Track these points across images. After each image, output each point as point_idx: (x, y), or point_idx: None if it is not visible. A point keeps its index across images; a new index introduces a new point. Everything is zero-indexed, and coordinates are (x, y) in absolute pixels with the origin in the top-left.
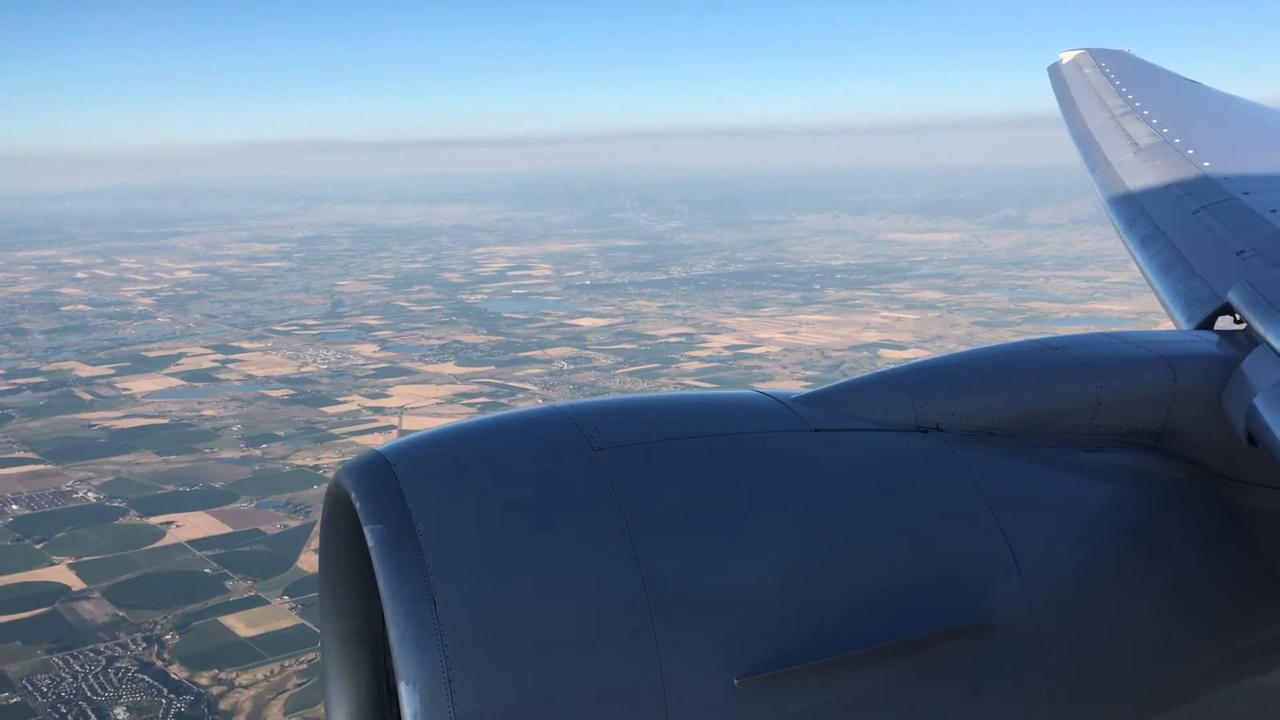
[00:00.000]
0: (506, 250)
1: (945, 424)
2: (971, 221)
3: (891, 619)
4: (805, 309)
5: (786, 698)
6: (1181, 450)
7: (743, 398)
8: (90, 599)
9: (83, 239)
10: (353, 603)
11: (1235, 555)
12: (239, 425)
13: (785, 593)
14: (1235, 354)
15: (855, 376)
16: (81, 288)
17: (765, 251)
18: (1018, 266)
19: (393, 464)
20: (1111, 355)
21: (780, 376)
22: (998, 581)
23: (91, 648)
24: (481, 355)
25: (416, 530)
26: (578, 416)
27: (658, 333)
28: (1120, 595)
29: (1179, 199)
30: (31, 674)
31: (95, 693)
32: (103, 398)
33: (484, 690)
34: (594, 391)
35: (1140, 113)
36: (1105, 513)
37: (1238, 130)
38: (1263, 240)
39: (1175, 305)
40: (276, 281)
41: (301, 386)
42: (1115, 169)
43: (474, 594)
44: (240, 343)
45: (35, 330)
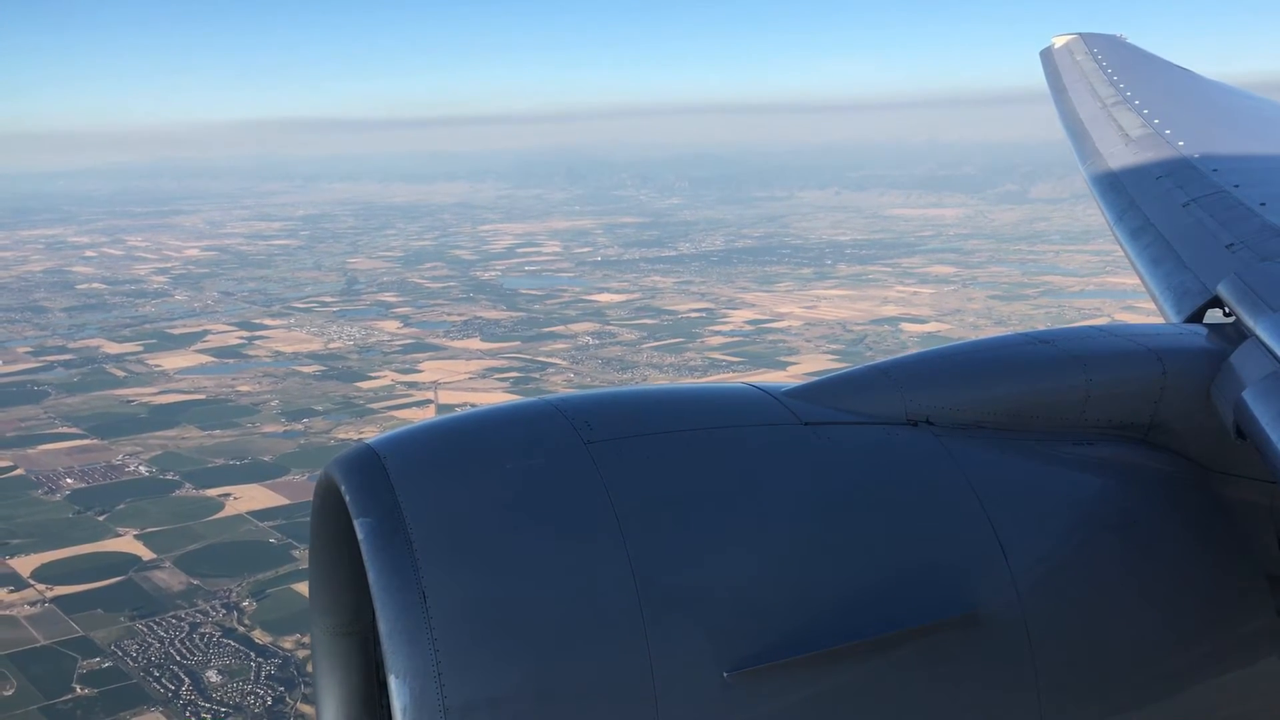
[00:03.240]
0: (512, 228)
1: (935, 417)
2: (973, 197)
3: (881, 612)
4: (820, 284)
5: (776, 690)
6: (1170, 443)
7: (733, 391)
8: (162, 568)
9: (83, 218)
10: (343, 596)
11: (1223, 547)
12: (276, 400)
13: (775, 586)
14: (1224, 347)
15: (845, 369)
16: (93, 266)
17: (771, 227)
18: (1025, 241)
19: (383, 457)
20: (1100, 348)
21: (805, 350)
22: (987, 574)
23: (172, 614)
24: (505, 331)
25: (406, 523)
26: (568, 409)
27: (678, 308)
28: (1109, 587)
29: (1169, 191)
30: (118, 640)
31: (184, 657)
32: (135, 374)
33: (474, 683)
34: (624, 366)
35: (1131, 103)
36: (1094, 505)
37: (1229, 122)
38: (1252, 233)
39: (1165, 298)
40: (287, 259)
41: (331, 363)
42: (1106, 160)
43: (464, 587)
44: (262, 320)
45: (55, 308)
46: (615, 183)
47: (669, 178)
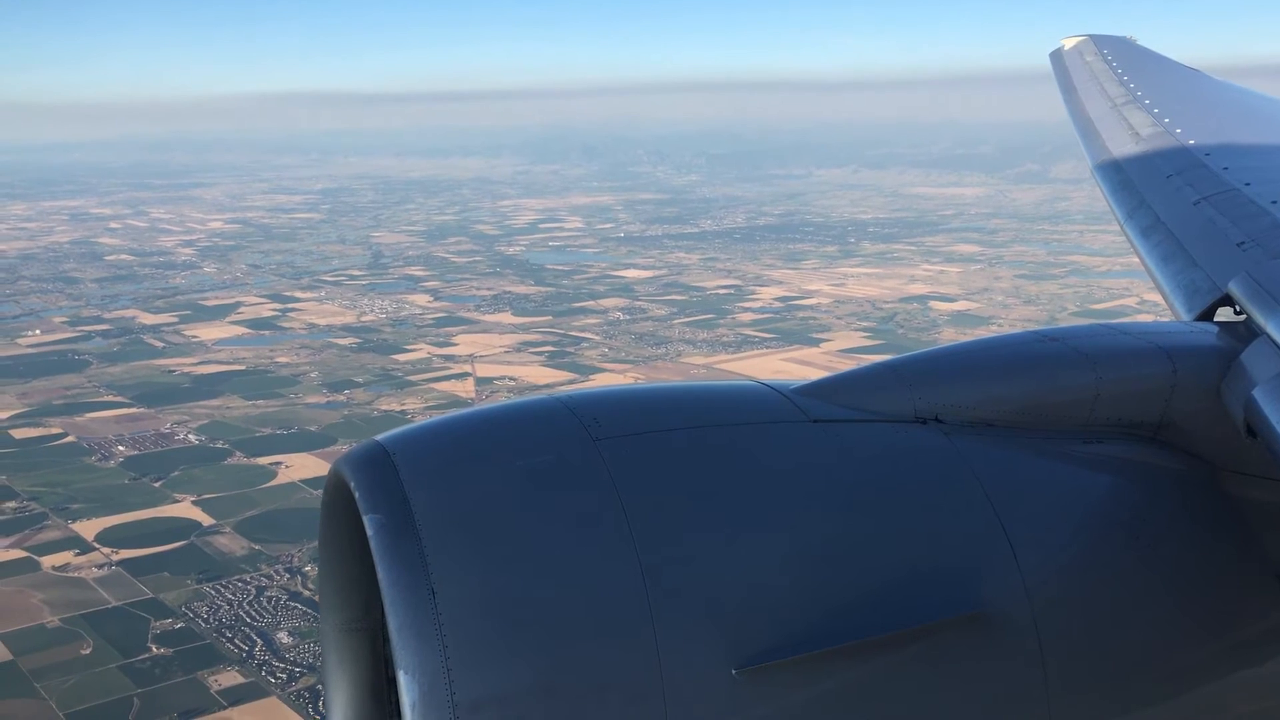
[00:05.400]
0: (532, 203)
1: (944, 415)
2: (993, 176)
3: (890, 610)
4: (846, 262)
5: (784, 688)
6: (1180, 442)
7: (742, 388)
8: (223, 533)
9: (103, 189)
10: (352, 592)
11: (1233, 547)
12: (316, 372)
13: (783, 583)
14: (1235, 345)
15: (854, 367)
16: (119, 238)
17: (791, 205)
18: (1049, 221)
19: (392, 454)
20: (1110, 346)
21: (837, 328)
22: (996, 573)
23: (238, 578)
24: (535, 306)
25: (415, 520)
26: (577, 407)
27: (705, 284)
28: (1118, 587)
29: (1180, 190)
30: (188, 602)
31: (254, 619)
32: (174, 345)
33: (483, 680)
34: (657, 341)
35: (1142, 102)
36: (1104, 504)
37: (1239, 121)
38: (1263, 231)
39: (1175, 296)
40: (310, 233)
41: (366, 335)
42: (1116, 158)
43: (473, 584)
44: (293, 292)
45: (86, 279)
46: (631, 159)
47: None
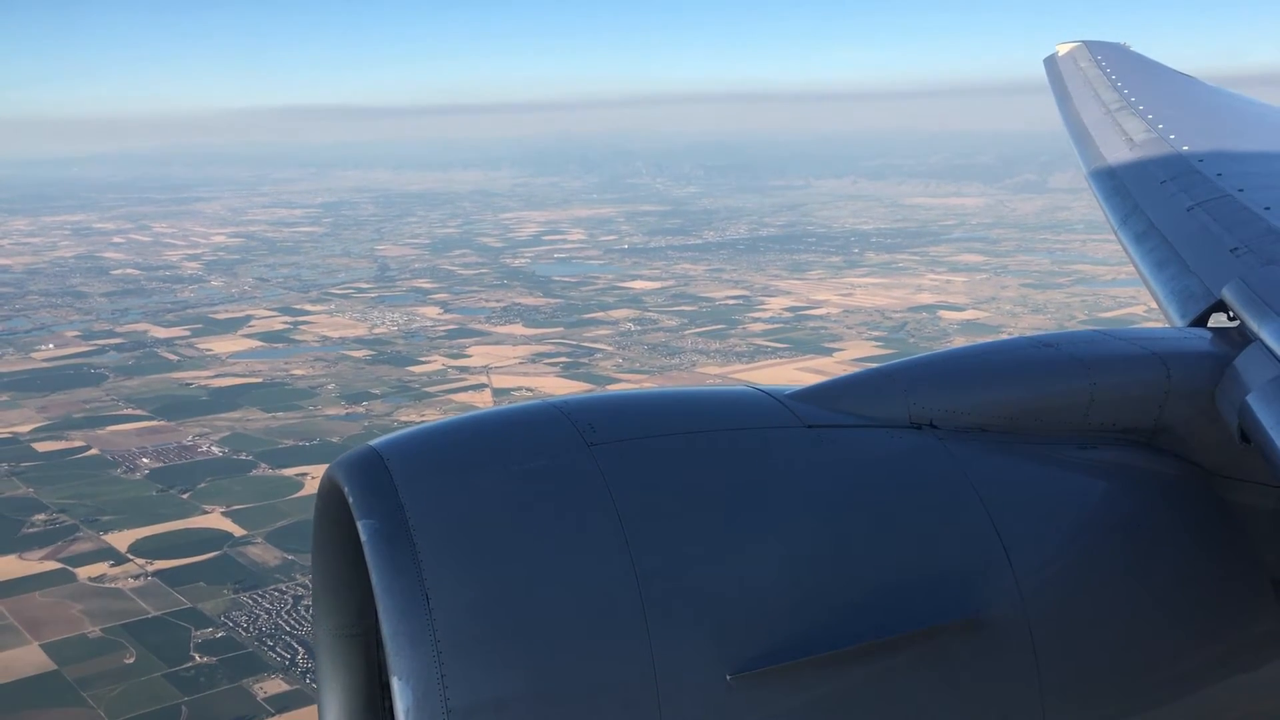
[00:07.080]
0: (534, 215)
1: (939, 420)
2: (992, 186)
3: (884, 615)
4: (852, 272)
5: (779, 693)
6: (1174, 447)
7: (737, 394)
8: (255, 544)
9: (104, 204)
10: (346, 597)
11: (1227, 552)
12: (333, 384)
13: (778, 589)
14: (1229, 351)
15: (849, 373)
16: (123, 252)
17: (792, 216)
18: (1050, 230)
19: (386, 459)
20: (1105, 352)
21: (848, 337)
22: (990, 578)
23: (273, 587)
24: (545, 317)
25: (409, 525)
26: (572, 412)
27: (713, 295)
28: (1112, 592)
29: (1173, 196)
30: (226, 611)
31: (293, 628)
32: (189, 358)
33: (477, 685)
34: (670, 351)
35: (1136, 108)
36: (1098, 509)
37: (1233, 127)
38: (1257, 237)
39: (1169, 302)
40: (314, 246)
41: (379, 347)
42: (1110, 164)
43: (467, 589)
44: (302, 305)
45: (94, 293)
46: (630, 171)
47: (684, 166)
